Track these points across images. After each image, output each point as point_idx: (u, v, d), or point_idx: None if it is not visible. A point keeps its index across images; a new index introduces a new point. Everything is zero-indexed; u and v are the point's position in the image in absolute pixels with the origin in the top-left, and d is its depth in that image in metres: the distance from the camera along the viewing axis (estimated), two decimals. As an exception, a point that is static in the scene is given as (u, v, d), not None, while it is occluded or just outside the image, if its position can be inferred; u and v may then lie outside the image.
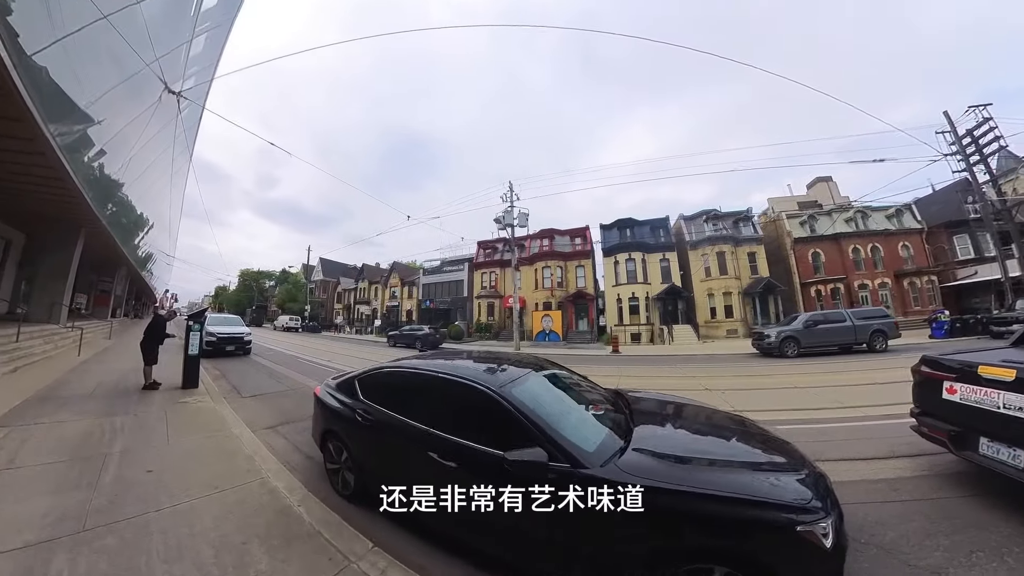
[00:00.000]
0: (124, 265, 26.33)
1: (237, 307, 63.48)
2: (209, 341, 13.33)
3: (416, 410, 3.10)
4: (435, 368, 3.42)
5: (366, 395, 3.61)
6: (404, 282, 40.92)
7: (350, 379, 3.97)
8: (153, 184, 23.44)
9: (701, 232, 30.50)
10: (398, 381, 3.59)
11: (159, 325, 7.69)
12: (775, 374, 10.82)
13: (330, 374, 8.01)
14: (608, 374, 11.62)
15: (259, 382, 9.66)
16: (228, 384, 9.18)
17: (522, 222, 22.70)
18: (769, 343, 14.69)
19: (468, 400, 2.85)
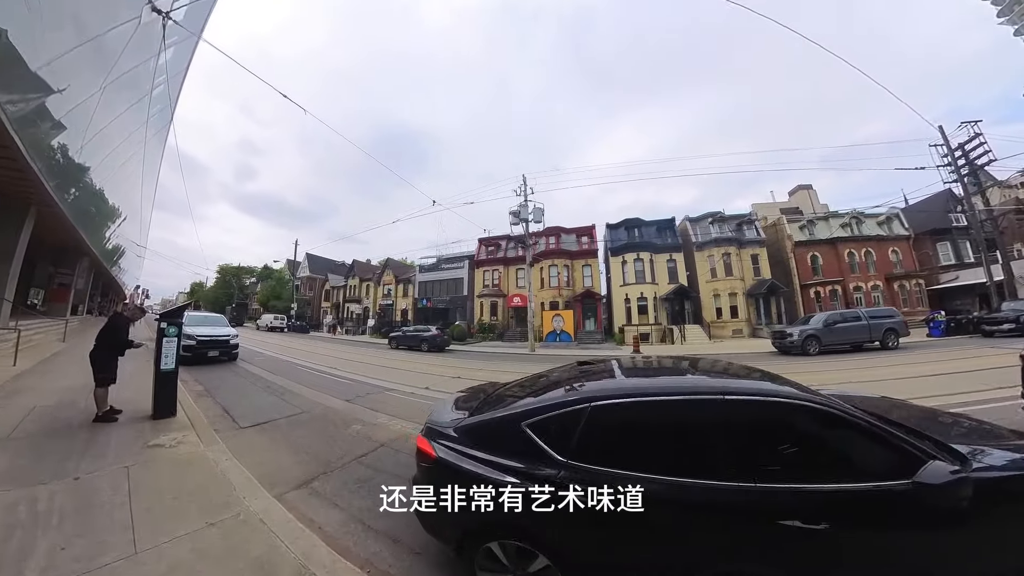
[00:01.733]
0: (86, 256, 22.71)
1: (215, 305, 58.63)
2: (187, 346, 10.64)
3: (693, 460, 1.96)
4: (717, 388, 2.23)
5: (565, 448, 2.10)
6: (399, 280, 38.05)
7: (504, 420, 2.36)
8: (123, 167, 20.22)
9: (707, 234, 29.83)
10: (646, 417, 2.15)
11: (116, 328, 5.17)
12: (813, 371, 10.23)
13: (351, 387, 6.10)
14: None
15: (257, 401, 7.22)
16: (217, 406, 6.70)
17: (537, 217, 20.72)
18: (792, 341, 14.46)
19: (793, 426, 2.01)
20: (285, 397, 7.54)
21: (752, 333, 28.12)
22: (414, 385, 9.37)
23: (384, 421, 6.14)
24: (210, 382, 8.78)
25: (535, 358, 17.21)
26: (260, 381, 9.16)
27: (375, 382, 9.58)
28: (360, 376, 10.39)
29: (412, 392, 8.55)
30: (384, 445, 4.99)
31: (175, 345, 5.35)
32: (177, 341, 5.40)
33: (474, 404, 2.85)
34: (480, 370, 12.53)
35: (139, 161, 20.61)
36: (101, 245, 27.92)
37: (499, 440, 2.28)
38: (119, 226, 29.95)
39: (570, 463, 2.05)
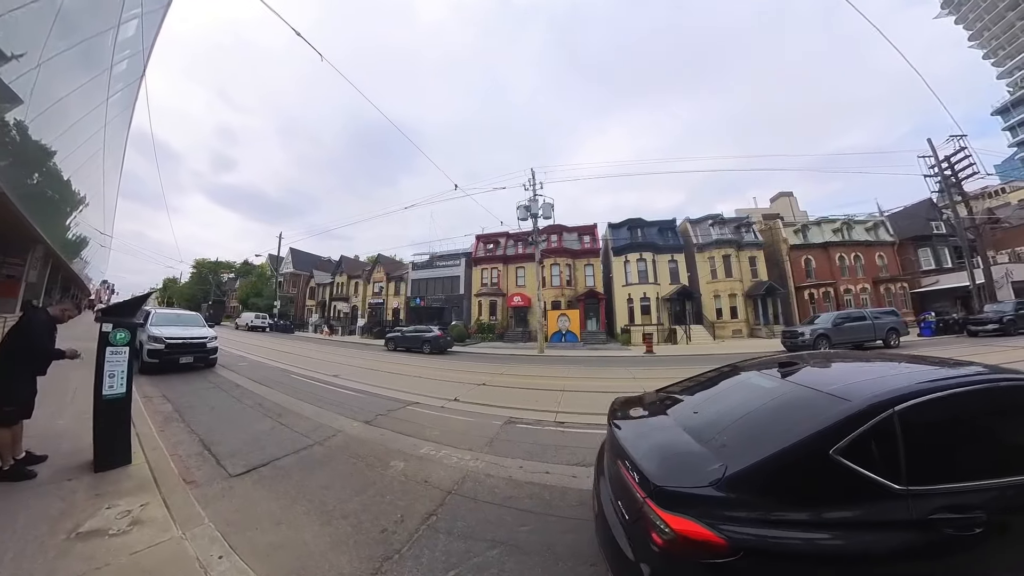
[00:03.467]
0: (39, 244, 19.60)
1: (190, 302, 54.38)
2: (154, 351, 8.51)
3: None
4: None
5: (895, 472, 1.54)
6: (390, 277, 35.66)
7: (797, 453, 1.61)
8: (81, 149, 17.47)
9: (708, 235, 29.24)
10: (967, 412, 1.75)
11: (31, 330, 3.20)
12: None
13: (363, 401, 5.76)
14: (666, 377, 9.84)
15: (249, 427, 5.34)
16: (192, 438, 4.79)
17: (547, 212, 19.18)
18: (803, 340, 14.39)
19: None
20: (285, 420, 5.65)
21: (751, 333, 27.76)
22: (438, 396, 7.65)
23: (431, 452, 4.49)
24: (182, 398, 6.74)
25: (548, 360, 15.65)
26: (248, 396, 7.17)
27: (390, 393, 7.78)
28: (369, 386, 8.53)
29: (442, 406, 6.84)
30: (453, 492, 3.46)
31: (124, 359, 3.42)
32: (128, 351, 3.48)
33: (703, 438, 1.90)
34: (501, 374, 10.83)
35: (99, 142, 17.79)
36: (59, 234, 24.65)
37: (802, 486, 1.56)
38: (80, 213, 26.61)
39: (913, 490, 1.51)
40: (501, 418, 6.07)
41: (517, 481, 3.74)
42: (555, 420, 5.99)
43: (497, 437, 5.13)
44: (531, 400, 7.54)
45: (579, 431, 5.38)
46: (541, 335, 18.24)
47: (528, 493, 3.48)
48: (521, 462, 4.20)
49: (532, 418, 6.14)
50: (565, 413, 6.42)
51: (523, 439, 5.05)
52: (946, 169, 26.35)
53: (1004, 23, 45.36)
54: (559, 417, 6.17)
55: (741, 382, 2.47)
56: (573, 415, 6.27)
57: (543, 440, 4.99)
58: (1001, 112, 46.21)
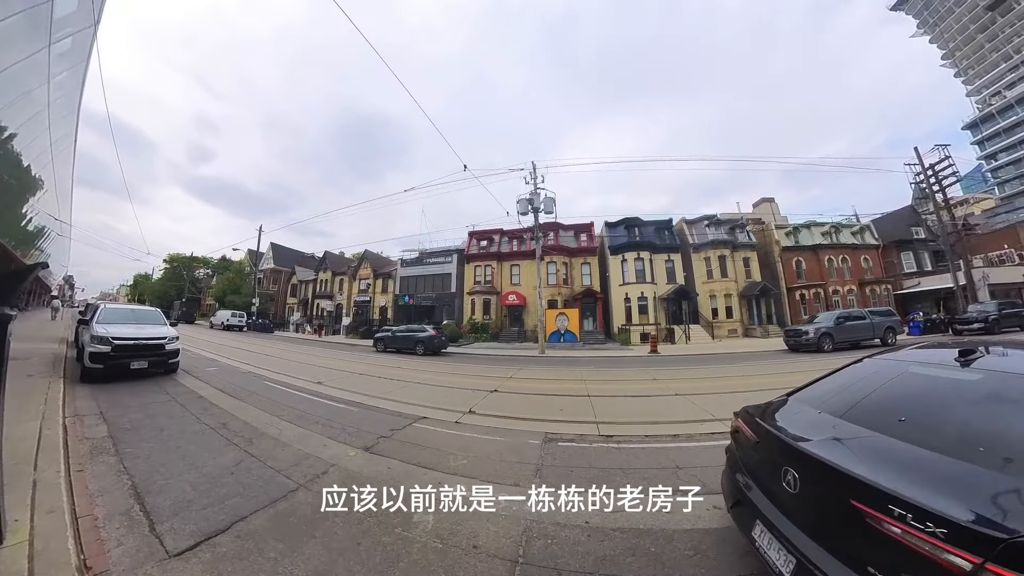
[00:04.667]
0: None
1: (163, 300, 50.75)
2: (98, 354, 6.86)
3: None
4: None
5: None
6: (377, 274, 33.73)
7: None
8: (26, 125, 15.29)
9: (704, 236, 28.82)
10: None
11: None
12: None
13: (358, 417, 5.01)
14: (699, 377, 9.61)
15: (206, 461, 3.91)
16: (122, 486, 3.33)
17: (548, 207, 18.02)
18: (808, 339, 14.36)
19: None
20: (257, 448, 4.22)
21: (745, 333, 27.47)
22: (447, 407, 6.36)
23: (465, 492, 3.15)
24: (125, 416, 5.19)
25: (553, 361, 14.47)
26: (211, 412, 5.61)
27: (388, 405, 6.40)
28: (361, 395, 7.10)
29: (457, 421, 5.56)
30: (521, 562, 2.32)
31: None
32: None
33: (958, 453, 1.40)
34: (511, 378, 9.57)
35: (43, 122, 15.66)
36: (10, 224, 21.99)
37: None
38: (38, 199, 23.83)
39: None
40: (535, 434, 4.86)
41: (603, 529, 2.64)
42: (600, 434, 4.87)
43: (543, 463, 3.92)
44: (559, 410, 6.35)
45: (636, 446, 4.41)
46: (543, 335, 17.02)
47: (626, 546, 2.42)
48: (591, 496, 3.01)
49: (571, 432, 4.99)
50: (607, 424, 5.32)
51: (575, 462, 3.92)
52: (931, 176, 27.25)
53: (974, 44, 47.10)
54: (602, 429, 5.04)
55: (917, 376, 2.05)
56: (617, 426, 5.25)
57: (600, 462, 3.94)
58: (970, 127, 47.95)
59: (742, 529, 1.94)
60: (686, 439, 4.60)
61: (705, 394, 7.19)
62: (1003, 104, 44.33)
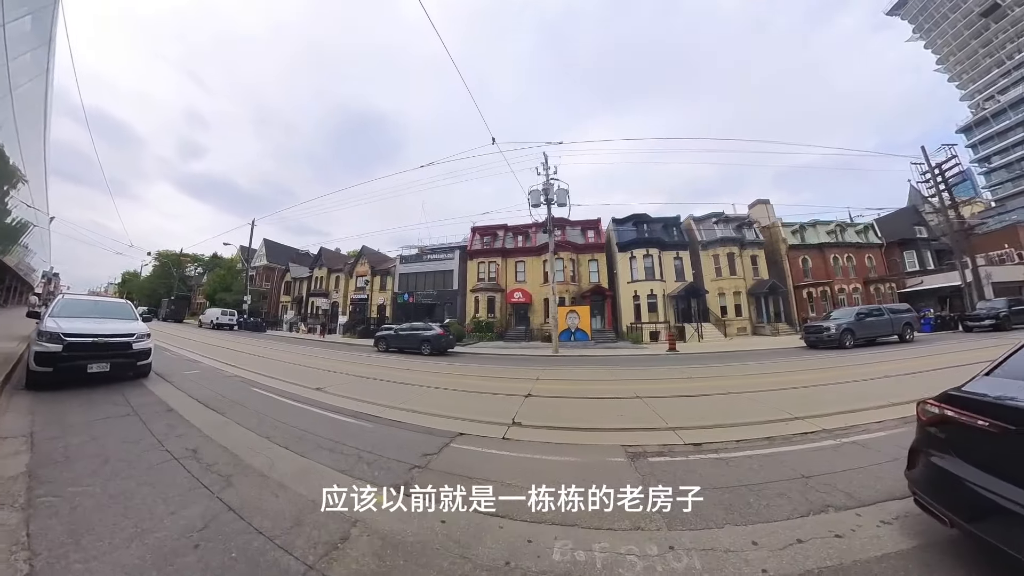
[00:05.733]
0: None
1: (152, 298, 48.43)
2: (45, 353, 5.40)
3: None
4: None
5: None
6: (375, 271, 32.11)
7: None
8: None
9: (712, 233, 27.91)
10: None
11: None
12: (880, 362, 9.25)
13: (376, 437, 3.94)
14: (740, 374, 8.89)
15: (158, 519, 2.54)
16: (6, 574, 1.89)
17: (561, 199, 16.80)
18: (829, 335, 14.00)
19: None
20: (237, 491, 2.86)
21: (754, 331, 26.63)
22: (484, 417, 5.11)
23: (576, 553, 2.10)
24: (60, 440, 3.77)
25: (572, 361, 13.25)
26: (179, 432, 4.16)
27: (411, 417, 5.10)
28: (373, 404, 5.75)
29: (504, 437, 4.33)
30: None
31: None
32: None
33: None
34: (538, 379, 8.31)
35: (7, 110, 14.08)
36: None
37: None
38: (15, 189, 21.88)
39: None
40: (611, 449, 3.83)
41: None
42: (685, 443, 3.99)
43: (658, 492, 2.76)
44: (618, 415, 5.27)
45: (738, 455, 3.62)
46: (556, 334, 15.76)
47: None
48: (757, 537, 2.22)
49: (652, 443, 3.99)
50: (685, 430, 4.37)
51: (688, 484, 2.90)
52: (938, 175, 27.23)
53: (968, 50, 47.16)
54: (684, 436, 4.16)
55: None
56: (698, 431, 4.37)
57: (714, 479, 3.10)
58: (965, 131, 48.00)
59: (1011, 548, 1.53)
60: (782, 442, 3.92)
61: (760, 391, 6.47)
62: (996, 108, 44.41)
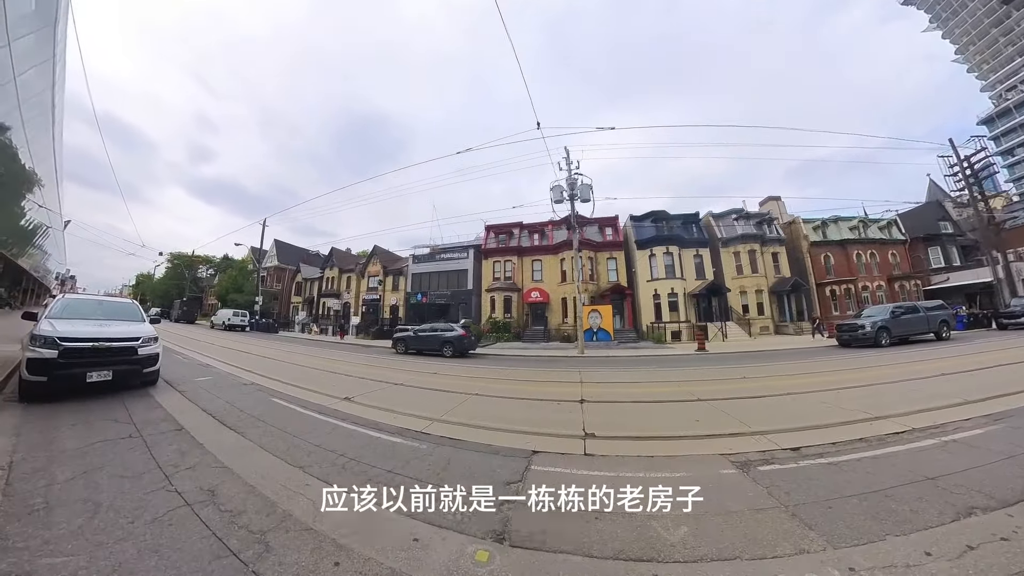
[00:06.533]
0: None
1: (165, 299, 48.23)
2: (38, 360, 4.63)
3: None
4: None
5: None
6: (388, 270, 31.43)
7: None
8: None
9: (732, 230, 26.89)
10: None
11: None
12: (919, 361, 8.99)
13: (427, 463, 3.28)
14: (775, 374, 8.54)
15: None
16: None
17: (585, 194, 15.94)
18: (864, 333, 13.43)
19: None
20: (275, 561, 2.00)
21: (776, 330, 25.51)
22: (551, 430, 4.57)
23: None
24: (43, 473, 3.01)
25: (599, 361, 12.54)
26: (191, 460, 3.36)
27: (465, 433, 4.51)
28: (414, 416, 5.03)
29: (587, 453, 3.86)
30: None
31: None
32: None
33: None
34: (581, 383, 7.73)
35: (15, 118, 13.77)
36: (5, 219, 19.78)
37: None
38: (32, 193, 21.51)
39: None
40: (715, 461, 3.50)
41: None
42: (782, 447, 3.68)
43: (786, 502, 2.63)
44: (691, 421, 4.84)
45: (845, 459, 3.39)
46: (582, 334, 14.87)
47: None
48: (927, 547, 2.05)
49: (752, 450, 3.68)
50: (774, 434, 4.03)
51: (812, 493, 2.77)
52: (967, 168, 26.01)
53: (988, 39, 45.46)
54: (776, 440, 3.84)
55: None
56: (786, 435, 4.02)
57: (839, 487, 2.84)
58: (986, 122, 46.26)
59: None
60: (879, 443, 3.71)
61: (820, 391, 6.16)
62: (1020, 98, 42.65)
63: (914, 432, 3.91)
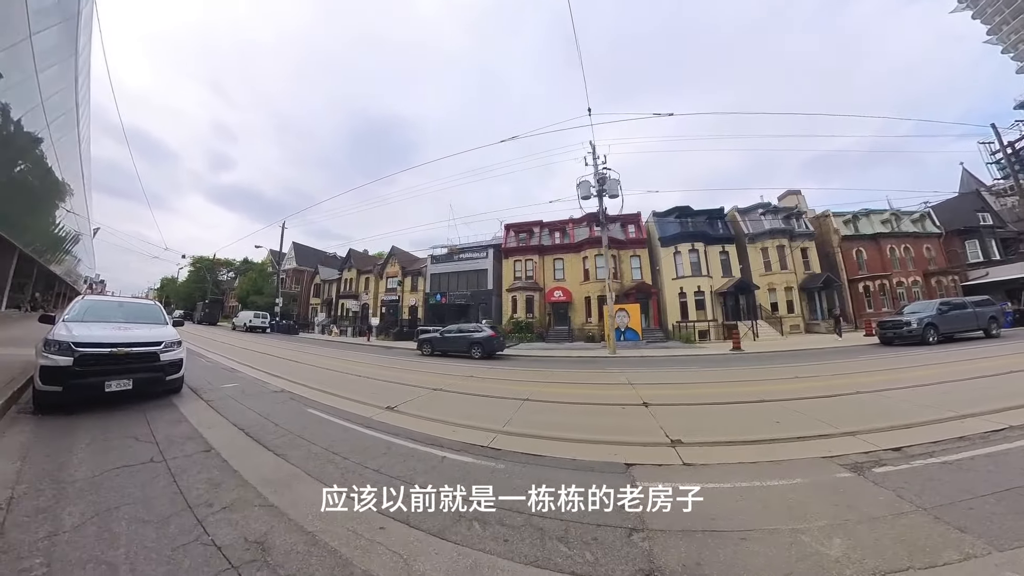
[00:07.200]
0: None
1: (188, 301, 48.87)
2: (52, 368, 4.06)
3: None
4: None
5: None
6: (406, 271, 31.06)
7: None
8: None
9: (759, 225, 25.62)
10: None
11: None
12: (988, 357, 8.49)
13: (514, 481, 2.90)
14: (826, 374, 7.99)
15: None
16: None
17: (613, 190, 15.10)
18: (911, 330, 12.85)
19: None
20: None
21: (807, 328, 24.16)
22: (630, 438, 4.21)
23: None
24: (50, 519, 2.32)
25: (634, 362, 11.97)
26: (230, 496, 2.68)
27: (540, 448, 3.85)
28: (471, 429, 4.57)
29: (685, 463, 3.49)
30: None
31: None
32: None
33: None
34: (629, 384, 7.52)
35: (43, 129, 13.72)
36: (38, 230, 19.96)
37: None
38: (65, 203, 21.72)
39: None
40: (824, 464, 3.17)
41: None
42: (884, 447, 3.41)
43: (924, 507, 2.40)
44: (772, 423, 4.47)
45: (959, 457, 3.18)
46: (612, 334, 14.09)
47: None
48: None
49: (854, 451, 3.42)
50: (868, 434, 3.81)
51: (947, 495, 2.55)
52: (1011, 154, 23.99)
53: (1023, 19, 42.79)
54: (875, 440, 3.60)
55: None
56: (880, 434, 3.80)
57: (971, 486, 2.63)
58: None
59: None
60: (982, 441, 3.50)
61: (887, 390, 5.80)
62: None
63: (1013, 429, 3.73)
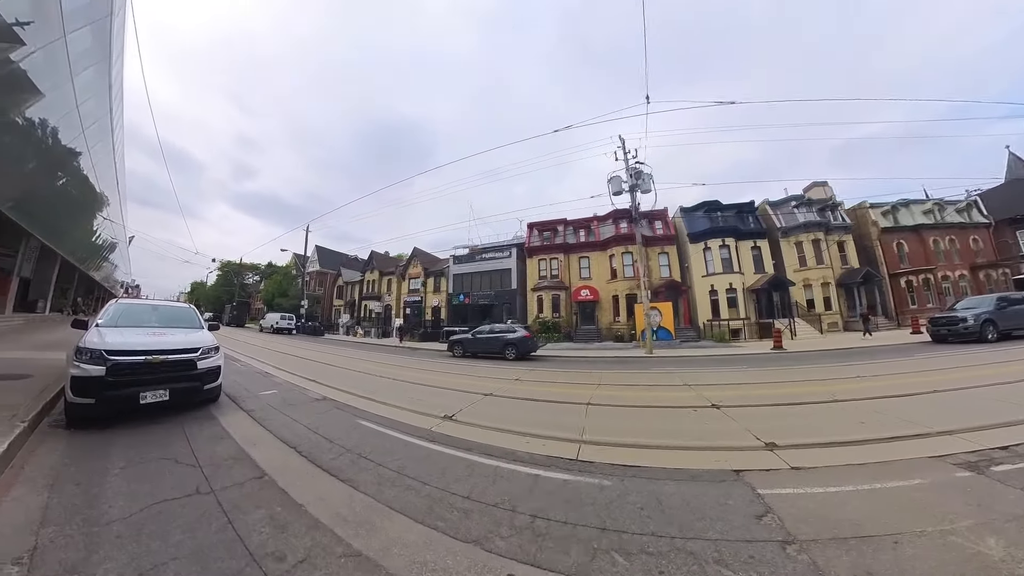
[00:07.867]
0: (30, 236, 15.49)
1: (216, 304, 49.93)
2: (84, 379, 3.58)
3: None
4: None
5: None
6: (428, 272, 30.76)
7: None
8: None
9: (792, 218, 24.20)
10: None
11: None
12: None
13: (626, 511, 2.42)
14: (884, 373, 7.31)
15: None
16: None
17: (646, 185, 14.23)
18: (967, 327, 12.19)
19: None
20: None
21: (845, 326, 22.62)
22: (728, 443, 3.87)
23: None
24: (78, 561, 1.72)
25: (673, 361, 11.37)
26: (304, 545, 2.05)
27: (633, 458, 3.53)
28: (546, 440, 4.05)
29: (792, 467, 3.11)
30: None
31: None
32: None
33: None
34: (686, 385, 7.07)
35: (80, 140, 13.86)
36: (75, 238, 20.42)
37: None
38: (103, 212, 22.25)
39: None
40: (935, 465, 2.91)
41: None
42: (991, 447, 3.14)
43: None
44: (856, 424, 4.08)
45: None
46: (649, 333, 13.24)
47: None
48: None
49: (959, 451, 3.17)
50: (965, 432, 3.46)
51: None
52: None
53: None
54: (975, 440, 3.30)
55: None
56: (979, 433, 3.53)
57: None
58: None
59: None
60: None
61: (962, 389, 5.51)
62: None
63: None
